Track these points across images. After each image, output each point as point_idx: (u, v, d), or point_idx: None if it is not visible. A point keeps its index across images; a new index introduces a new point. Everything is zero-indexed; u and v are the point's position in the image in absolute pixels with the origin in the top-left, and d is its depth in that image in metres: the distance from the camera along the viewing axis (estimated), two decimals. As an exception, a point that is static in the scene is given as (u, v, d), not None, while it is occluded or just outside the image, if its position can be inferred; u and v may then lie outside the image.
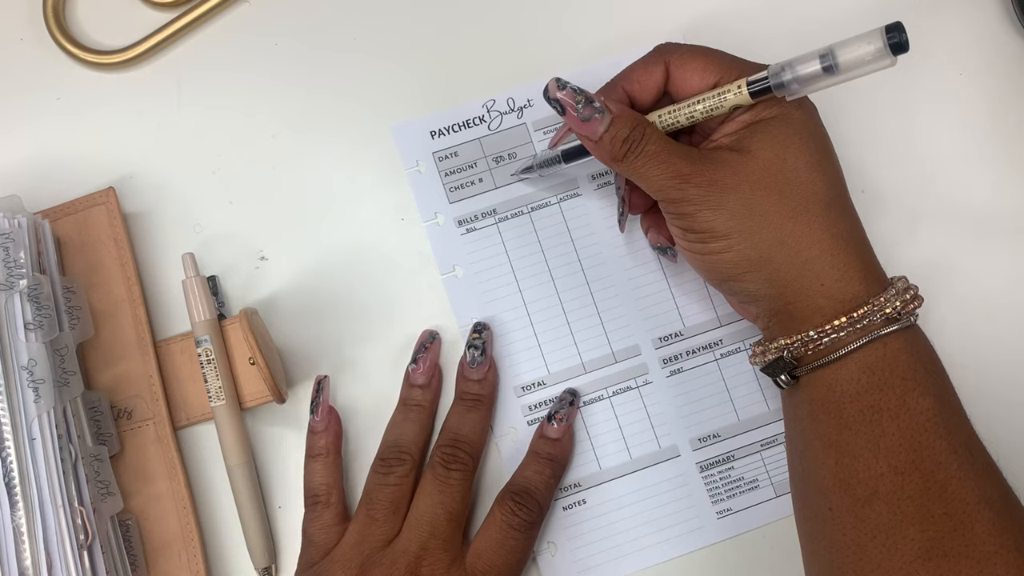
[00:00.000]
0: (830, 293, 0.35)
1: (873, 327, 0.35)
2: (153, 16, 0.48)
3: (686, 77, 0.38)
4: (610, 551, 0.42)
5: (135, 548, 0.41)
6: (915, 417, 0.34)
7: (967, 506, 0.32)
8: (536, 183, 0.46)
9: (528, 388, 0.44)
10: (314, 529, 0.41)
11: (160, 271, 0.45)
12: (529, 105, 0.47)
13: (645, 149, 0.36)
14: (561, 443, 0.42)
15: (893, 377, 0.34)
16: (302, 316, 0.45)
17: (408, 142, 0.46)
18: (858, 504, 0.34)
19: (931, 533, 0.33)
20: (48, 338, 0.39)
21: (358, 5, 0.48)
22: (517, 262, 0.45)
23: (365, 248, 0.45)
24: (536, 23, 0.48)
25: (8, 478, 0.37)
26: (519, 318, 0.45)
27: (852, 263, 0.35)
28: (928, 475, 0.33)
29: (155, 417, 0.43)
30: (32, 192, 0.44)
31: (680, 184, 0.36)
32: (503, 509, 0.40)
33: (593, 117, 0.36)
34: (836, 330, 0.35)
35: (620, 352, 0.44)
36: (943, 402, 0.34)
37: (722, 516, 0.43)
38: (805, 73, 0.34)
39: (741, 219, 0.35)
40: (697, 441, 0.44)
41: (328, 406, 0.42)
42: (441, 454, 0.41)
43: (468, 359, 0.43)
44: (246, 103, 0.47)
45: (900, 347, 0.35)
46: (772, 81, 0.35)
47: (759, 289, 0.36)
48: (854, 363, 0.35)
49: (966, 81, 0.47)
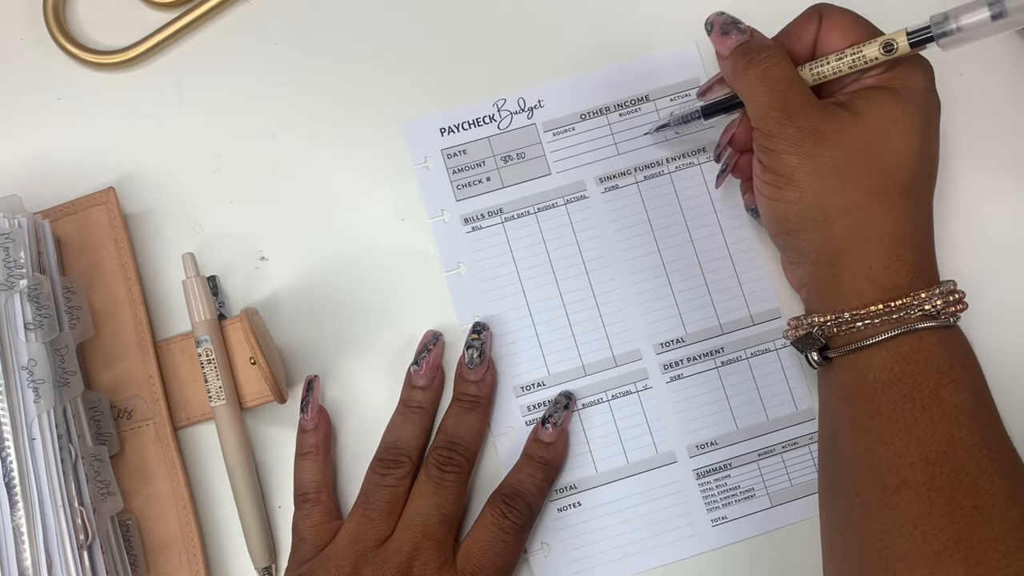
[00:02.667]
0: (875, 277, 0.35)
1: (909, 320, 0.35)
2: (153, 16, 0.48)
3: (831, 31, 0.38)
4: (603, 554, 0.42)
5: (135, 548, 0.41)
6: (948, 410, 0.34)
7: (997, 500, 0.32)
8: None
9: (527, 388, 0.44)
10: (304, 526, 0.41)
11: (160, 271, 0.45)
12: (540, 106, 0.47)
13: (767, 68, 0.36)
14: (555, 447, 0.42)
15: (927, 369, 0.34)
16: (302, 316, 0.45)
17: (417, 138, 0.46)
18: (887, 492, 0.34)
19: (960, 525, 0.32)
20: (48, 338, 0.39)
21: (358, 5, 0.48)
22: (521, 262, 0.45)
23: (365, 247, 0.45)
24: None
25: (8, 478, 0.37)
26: (521, 318, 0.45)
27: (905, 255, 0.35)
28: (959, 467, 0.33)
29: (155, 417, 0.43)
30: (32, 192, 0.44)
31: (782, 118, 0.36)
32: (494, 511, 0.40)
33: (732, 33, 0.38)
34: (872, 316, 0.35)
35: (621, 356, 0.44)
36: (978, 399, 0.34)
37: (717, 524, 0.43)
38: (971, 22, 0.33)
39: (823, 177, 0.35)
40: (695, 448, 0.43)
41: (318, 405, 0.42)
42: (437, 456, 0.41)
43: (466, 360, 0.43)
44: (246, 103, 0.47)
45: (936, 342, 0.35)
46: (935, 31, 0.34)
47: (812, 251, 0.37)
48: (887, 351, 0.35)
49: (966, 81, 0.47)
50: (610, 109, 0.47)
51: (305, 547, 0.40)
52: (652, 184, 0.46)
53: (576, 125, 0.46)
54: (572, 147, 0.46)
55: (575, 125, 0.46)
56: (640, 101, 0.47)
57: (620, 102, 0.47)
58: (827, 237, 0.36)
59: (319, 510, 0.41)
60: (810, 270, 0.37)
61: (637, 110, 0.47)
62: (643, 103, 0.47)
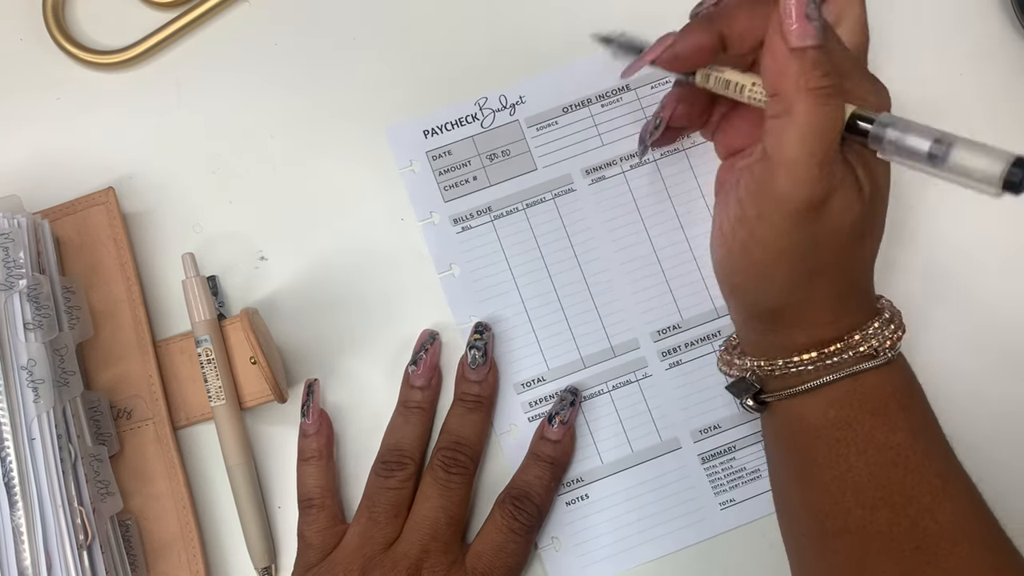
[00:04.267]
0: (812, 332, 0.35)
1: (845, 364, 0.34)
2: (153, 16, 0.48)
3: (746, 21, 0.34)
4: (614, 545, 0.42)
5: (135, 548, 0.41)
6: (884, 452, 0.33)
7: (940, 539, 0.32)
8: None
9: (528, 385, 0.44)
10: (311, 532, 0.40)
11: (160, 271, 0.45)
12: (522, 102, 0.46)
13: (834, 104, 0.30)
14: (561, 444, 0.42)
15: (862, 412, 0.34)
16: (302, 316, 0.45)
17: (402, 142, 0.46)
18: (827, 537, 0.34)
19: (903, 566, 0.32)
20: (48, 338, 0.39)
21: (358, 5, 0.48)
22: (513, 259, 0.45)
23: (365, 246, 0.45)
24: (530, 19, 0.48)
25: (8, 478, 0.37)
26: (517, 315, 0.45)
27: (848, 305, 0.35)
28: (898, 510, 0.33)
29: (155, 417, 0.43)
30: (32, 192, 0.44)
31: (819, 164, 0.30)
32: (503, 512, 0.40)
33: (813, 23, 0.30)
34: (805, 364, 0.34)
35: (619, 346, 0.44)
36: (915, 436, 0.34)
37: (725, 507, 0.43)
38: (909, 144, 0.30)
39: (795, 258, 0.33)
40: (698, 433, 0.43)
41: (319, 409, 0.42)
42: (442, 457, 0.40)
43: (469, 360, 0.42)
44: (246, 103, 0.47)
45: (874, 383, 0.34)
46: (874, 130, 0.30)
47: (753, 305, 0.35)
48: (821, 397, 0.35)
49: (966, 81, 0.47)
50: (592, 101, 0.47)
51: (311, 552, 0.40)
52: (638, 173, 0.46)
53: (559, 119, 0.46)
54: (556, 141, 0.46)
55: (558, 119, 0.46)
56: (621, 91, 0.47)
57: (601, 93, 0.47)
58: (773, 306, 0.34)
59: (324, 515, 0.41)
60: (746, 317, 0.36)
61: (619, 100, 0.46)
62: (624, 92, 0.47)
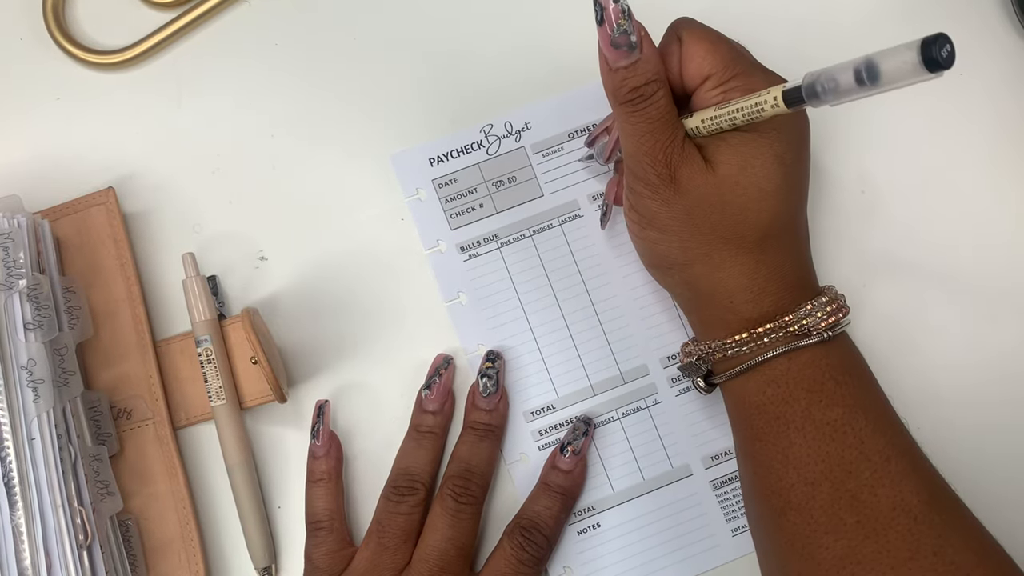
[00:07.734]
0: (737, 311, 0.36)
1: (778, 342, 0.35)
2: (153, 16, 0.48)
3: (688, 63, 0.36)
4: (626, 573, 0.42)
5: (135, 548, 0.41)
6: (821, 428, 0.34)
7: (880, 513, 0.33)
8: None
9: (537, 413, 0.44)
10: (319, 555, 0.40)
11: (160, 271, 0.45)
12: (527, 128, 0.46)
13: (647, 110, 0.35)
14: (573, 475, 0.42)
15: (797, 389, 0.35)
16: (302, 316, 0.45)
17: (407, 170, 0.46)
18: (775, 514, 0.35)
19: (845, 542, 0.33)
20: (47, 338, 0.39)
21: (358, 5, 0.48)
22: (521, 286, 0.45)
23: (365, 246, 0.45)
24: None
25: (7, 478, 0.37)
26: (526, 343, 0.44)
27: (769, 288, 0.35)
28: (838, 484, 0.33)
29: (155, 417, 0.43)
30: (32, 192, 0.44)
31: (647, 163, 0.35)
32: (512, 543, 0.40)
33: (623, 48, 0.34)
34: (738, 344, 0.35)
35: (628, 373, 0.44)
36: (854, 412, 0.34)
37: (737, 533, 0.42)
38: (841, 85, 0.31)
39: (681, 222, 0.36)
40: (709, 459, 0.43)
41: (329, 431, 0.42)
42: (452, 486, 0.40)
43: (480, 388, 0.42)
44: (246, 103, 0.47)
45: (806, 361, 0.35)
46: (806, 92, 0.32)
47: (677, 287, 0.38)
48: (760, 375, 0.35)
49: (966, 81, 0.46)
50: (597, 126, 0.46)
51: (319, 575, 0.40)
52: None
53: (564, 144, 0.46)
54: (563, 167, 0.46)
55: (563, 144, 0.46)
56: None
57: None
58: (688, 277, 0.36)
59: (333, 538, 0.41)
60: (680, 302, 0.38)
61: None
62: None
